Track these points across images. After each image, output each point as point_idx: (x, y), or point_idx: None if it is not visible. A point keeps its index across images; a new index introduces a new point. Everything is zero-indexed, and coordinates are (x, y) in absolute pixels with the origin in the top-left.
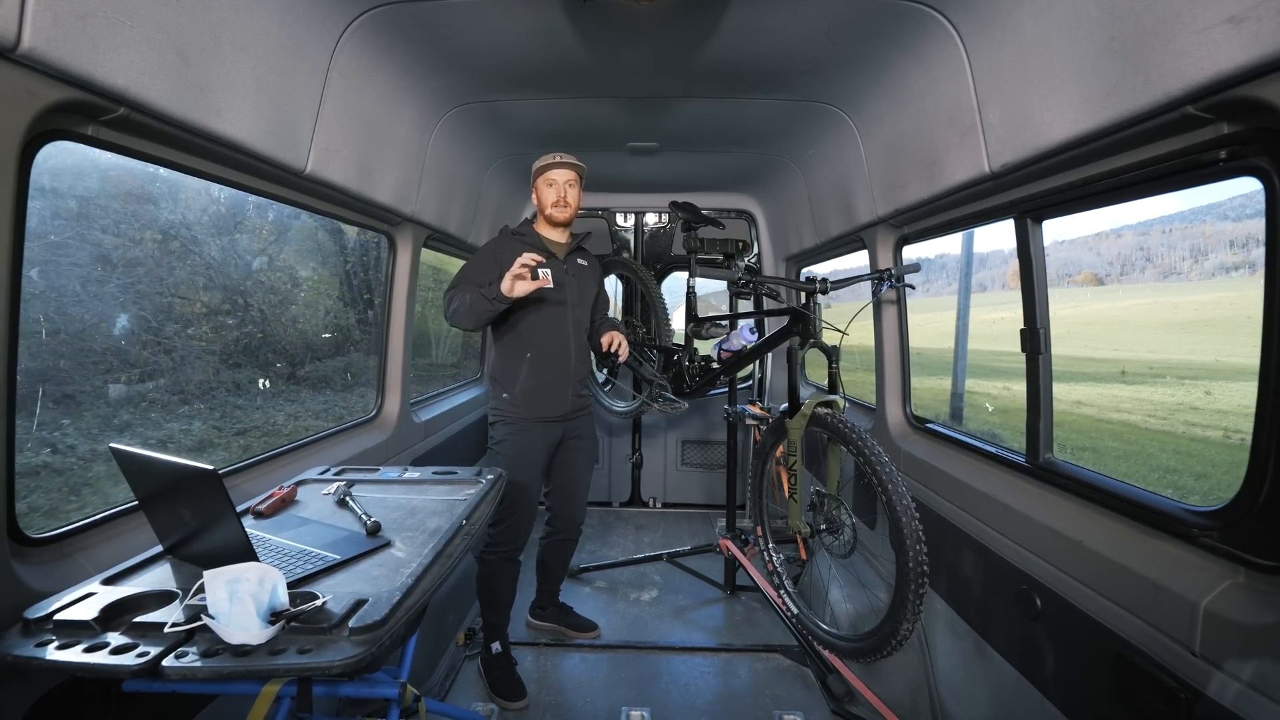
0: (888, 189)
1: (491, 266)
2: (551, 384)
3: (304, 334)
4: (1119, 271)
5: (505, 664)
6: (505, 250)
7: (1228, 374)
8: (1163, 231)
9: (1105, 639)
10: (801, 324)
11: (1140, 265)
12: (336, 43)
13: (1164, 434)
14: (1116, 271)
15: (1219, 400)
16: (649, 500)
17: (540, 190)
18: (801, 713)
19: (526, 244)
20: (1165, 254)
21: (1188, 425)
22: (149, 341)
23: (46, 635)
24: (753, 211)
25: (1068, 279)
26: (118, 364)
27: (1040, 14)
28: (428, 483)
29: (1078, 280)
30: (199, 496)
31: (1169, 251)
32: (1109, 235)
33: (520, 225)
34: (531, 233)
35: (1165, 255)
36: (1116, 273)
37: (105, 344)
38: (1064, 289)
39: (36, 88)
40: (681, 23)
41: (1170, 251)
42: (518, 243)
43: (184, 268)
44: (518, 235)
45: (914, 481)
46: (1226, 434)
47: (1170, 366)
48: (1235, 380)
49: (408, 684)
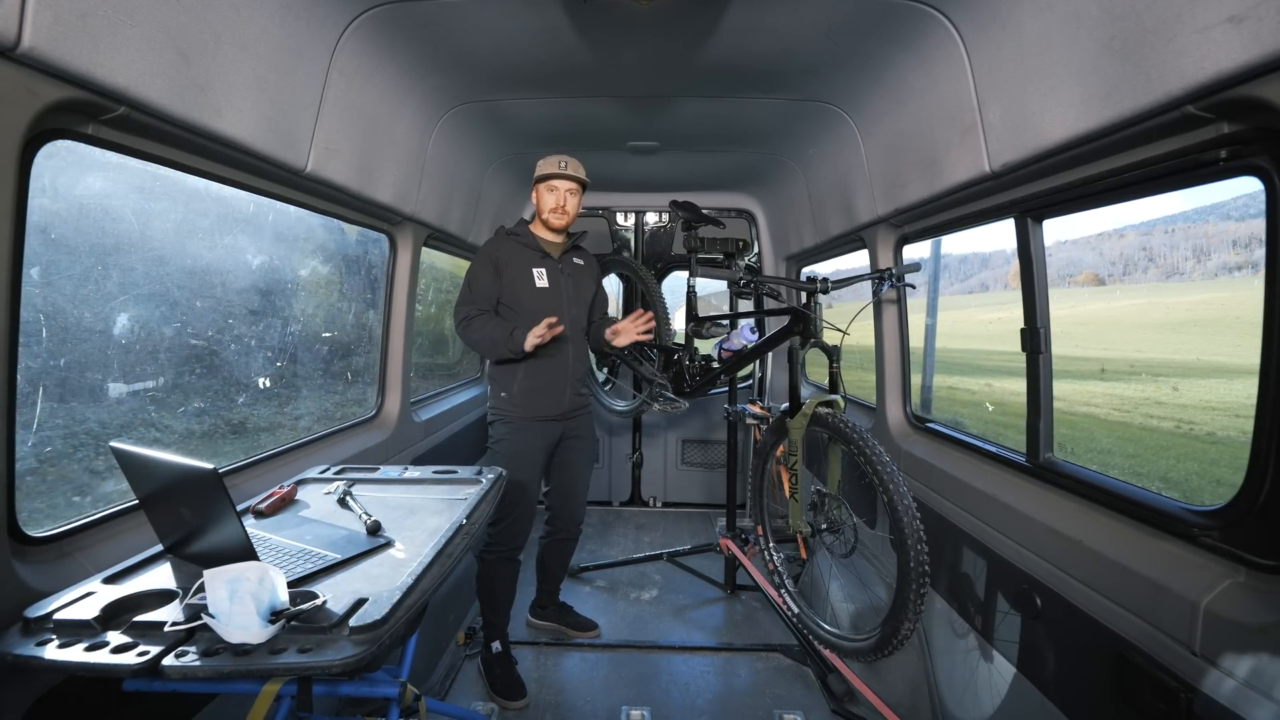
0: (888, 188)
1: (491, 274)
2: (549, 383)
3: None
4: (1121, 271)
5: (505, 663)
6: (501, 253)
7: (1203, 372)
8: (1165, 231)
9: (1105, 638)
10: (802, 323)
11: (1142, 265)
12: (337, 42)
13: (1121, 424)
14: (1119, 271)
15: (1184, 396)
16: (649, 499)
17: (540, 194)
18: (802, 712)
19: (522, 244)
20: (1167, 254)
21: (1146, 417)
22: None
23: (47, 634)
24: (753, 211)
25: (1068, 279)
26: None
27: (1040, 13)
28: (428, 482)
29: (1078, 280)
30: (199, 496)
31: (1170, 251)
32: (1111, 235)
33: (516, 225)
34: (526, 233)
35: (1167, 255)
36: (1119, 272)
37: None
38: (1063, 289)
39: (37, 87)
40: (681, 22)
41: (1172, 251)
42: (514, 243)
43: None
44: (513, 235)
45: (914, 481)
46: (1179, 424)
47: (1149, 365)
48: (1208, 378)
49: (408, 683)
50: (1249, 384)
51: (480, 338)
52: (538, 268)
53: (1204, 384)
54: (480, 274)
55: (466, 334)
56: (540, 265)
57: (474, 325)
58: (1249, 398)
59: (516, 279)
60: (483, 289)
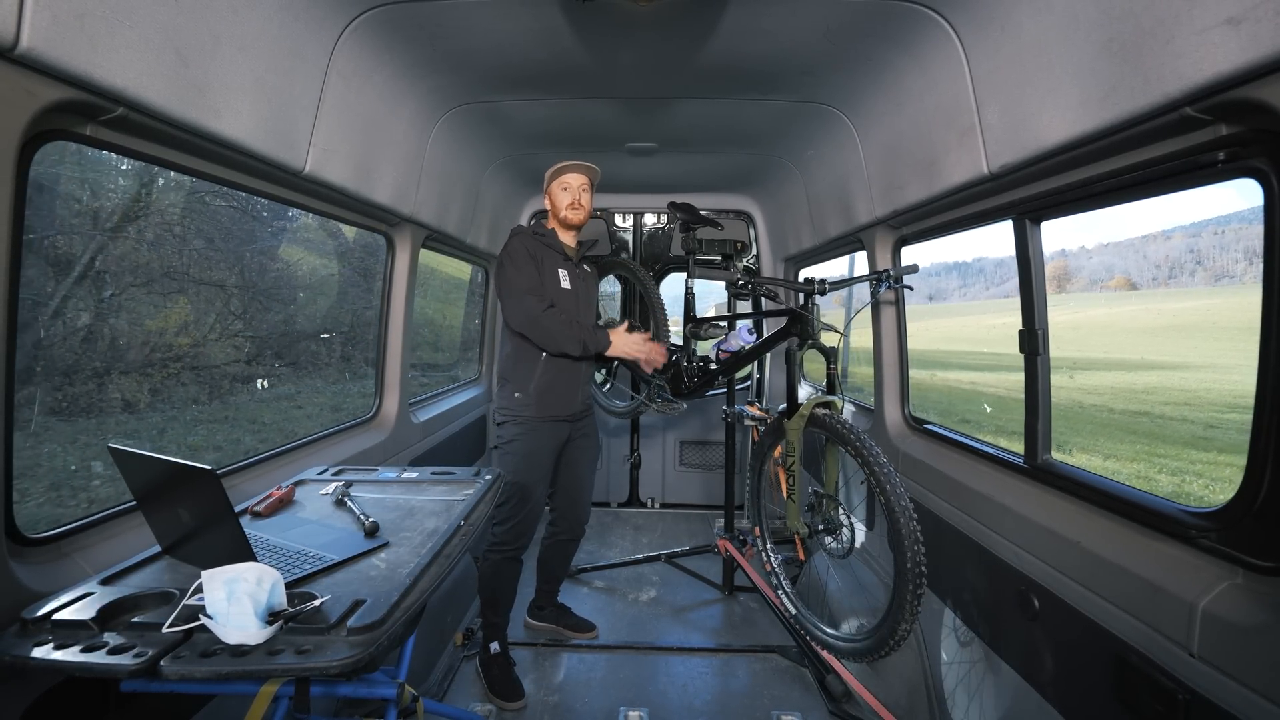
0: (886, 190)
1: (534, 270)
2: (564, 382)
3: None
4: (1165, 275)
5: (504, 664)
6: (537, 250)
7: (1144, 367)
8: (1204, 235)
9: (1103, 640)
10: (800, 325)
11: (1156, 271)
12: (335, 43)
13: (996, 397)
14: (1165, 275)
15: (1075, 381)
16: (647, 501)
17: (554, 193)
18: (799, 713)
19: (546, 244)
20: (1183, 259)
21: (1073, 402)
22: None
23: (44, 635)
24: (751, 212)
25: (1099, 285)
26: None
27: (1039, 14)
28: (426, 483)
29: (1110, 285)
30: (197, 496)
31: (1183, 256)
32: (1148, 239)
33: (536, 225)
34: (551, 234)
35: (1181, 260)
36: (1165, 276)
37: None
38: (1066, 294)
39: (35, 87)
40: (680, 23)
41: (1184, 256)
42: (541, 244)
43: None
44: (538, 236)
45: (912, 482)
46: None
47: (1105, 362)
48: (1149, 371)
49: (406, 684)
50: (1146, 376)
51: (555, 325)
52: (562, 269)
53: (1100, 375)
54: (527, 268)
55: (538, 323)
56: (563, 267)
57: (548, 314)
58: (1128, 385)
59: (546, 279)
60: (535, 282)
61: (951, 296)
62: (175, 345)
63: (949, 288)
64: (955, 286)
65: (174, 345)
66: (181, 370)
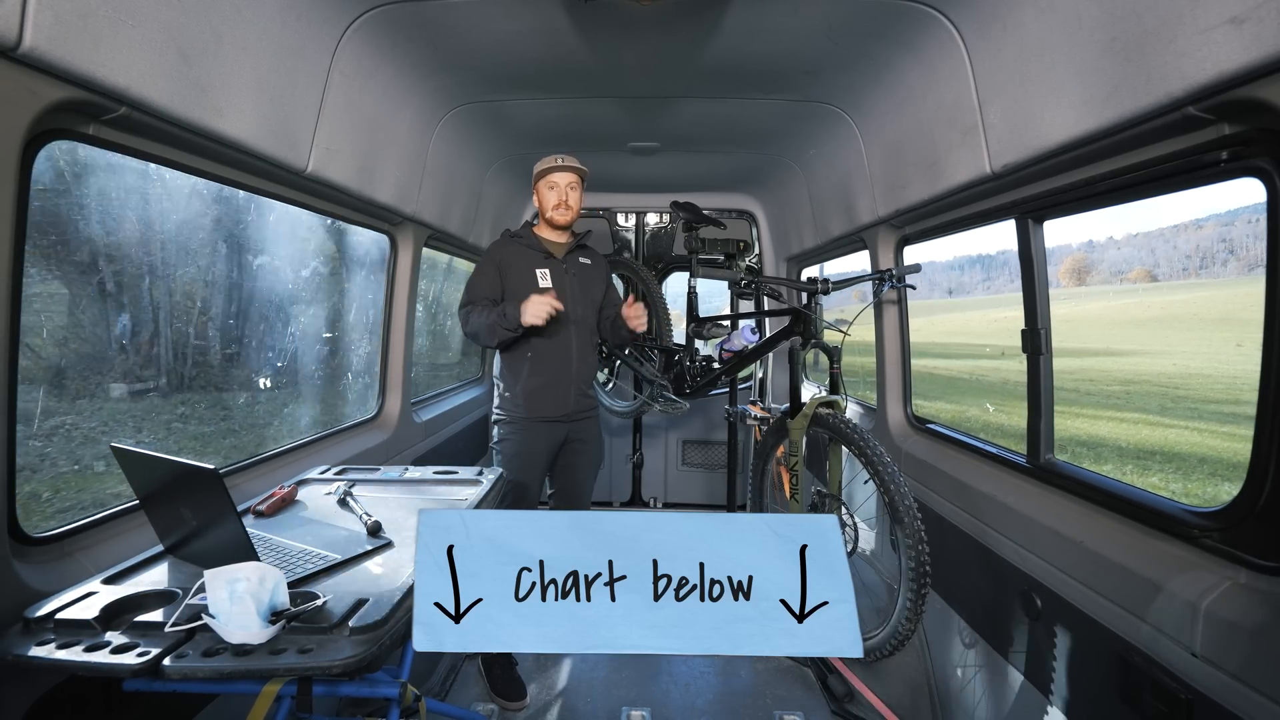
0: (889, 189)
1: (494, 275)
2: (553, 383)
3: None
4: (1182, 270)
5: (506, 664)
6: (505, 255)
7: (1105, 354)
8: (1234, 224)
9: (1106, 639)
10: (803, 324)
11: (1163, 264)
12: (338, 42)
13: (948, 378)
14: (1178, 270)
15: (1001, 364)
16: (650, 500)
17: (541, 193)
18: (802, 713)
19: (525, 246)
20: (1193, 252)
21: (1011, 383)
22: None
23: (47, 634)
24: (754, 211)
25: (1120, 277)
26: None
27: (1041, 14)
28: (428, 483)
29: (1130, 277)
30: (200, 496)
31: (1172, 253)
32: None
33: (520, 228)
34: (530, 235)
35: (1191, 254)
36: (1179, 270)
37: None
38: (1059, 288)
39: (38, 87)
40: (682, 23)
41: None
42: (517, 245)
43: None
44: (516, 238)
45: (914, 481)
46: (970, 374)
47: (1077, 351)
48: (1105, 357)
49: (408, 684)
50: (1091, 361)
51: (478, 324)
52: (541, 268)
53: (1082, 360)
54: (482, 276)
55: (466, 327)
56: (544, 265)
57: (471, 316)
58: (1063, 370)
59: (520, 280)
60: (483, 290)
61: (975, 290)
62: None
63: (972, 281)
64: (979, 280)
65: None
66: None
